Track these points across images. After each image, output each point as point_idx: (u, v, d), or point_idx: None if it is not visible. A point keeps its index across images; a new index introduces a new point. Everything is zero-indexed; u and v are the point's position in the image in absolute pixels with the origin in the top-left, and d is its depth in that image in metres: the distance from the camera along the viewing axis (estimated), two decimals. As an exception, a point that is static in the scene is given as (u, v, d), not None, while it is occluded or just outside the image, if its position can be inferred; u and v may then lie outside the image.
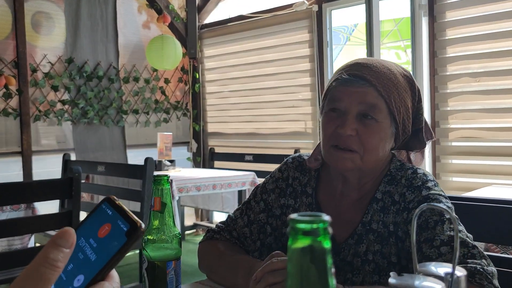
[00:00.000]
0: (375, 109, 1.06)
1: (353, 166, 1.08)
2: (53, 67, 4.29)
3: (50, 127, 4.33)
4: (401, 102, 1.09)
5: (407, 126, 1.11)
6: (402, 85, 1.10)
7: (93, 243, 0.48)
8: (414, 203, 1.05)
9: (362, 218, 1.10)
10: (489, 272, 0.89)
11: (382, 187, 1.11)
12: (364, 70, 1.08)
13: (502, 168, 3.16)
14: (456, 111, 3.35)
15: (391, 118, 1.08)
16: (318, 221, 0.38)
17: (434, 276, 0.53)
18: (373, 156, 1.08)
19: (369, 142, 1.06)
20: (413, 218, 0.55)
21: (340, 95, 1.09)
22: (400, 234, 1.06)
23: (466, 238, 0.97)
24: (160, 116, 5.01)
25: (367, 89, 1.06)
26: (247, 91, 4.75)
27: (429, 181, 1.08)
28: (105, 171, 3.24)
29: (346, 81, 1.09)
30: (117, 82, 4.64)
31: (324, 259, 0.39)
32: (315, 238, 0.38)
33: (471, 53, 3.26)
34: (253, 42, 4.66)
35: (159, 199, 0.89)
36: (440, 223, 0.98)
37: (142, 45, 4.80)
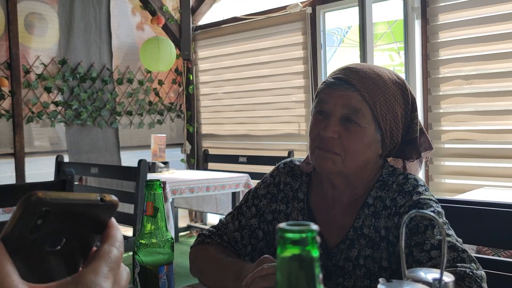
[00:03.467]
0: (358, 113, 1.06)
1: (334, 168, 1.08)
2: (46, 68, 4.27)
3: (43, 129, 4.31)
4: (388, 108, 1.08)
5: (395, 134, 1.10)
6: (392, 92, 1.09)
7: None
8: (405, 207, 1.05)
9: (354, 223, 1.11)
10: (478, 275, 0.90)
11: (373, 192, 1.12)
12: (351, 74, 1.09)
13: (494, 170, 3.18)
14: (449, 113, 3.37)
15: (376, 124, 1.08)
16: (307, 231, 0.39)
17: (422, 282, 0.53)
18: (354, 160, 1.08)
19: (351, 145, 1.07)
20: (402, 225, 0.56)
21: (326, 98, 1.10)
22: (391, 239, 1.06)
23: (456, 242, 0.97)
24: (154, 118, 5.00)
25: (351, 93, 1.07)
26: (241, 93, 4.75)
27: (420, 186, 1.09)
28: (99, 173, 3.23)
29: (332, 84, 1.10)
30: (110, 83, 4.63)
31: (312, 268, 0.39)
32: (304, 247, 0.39)
33: (463, 56, 3.28)
34: (247, 44, 4.66)
35: (151, 204, 0.90)
36: (430, 228, 0.99)
37: (136, 46, 4.79)
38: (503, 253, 2.00)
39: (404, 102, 1.11)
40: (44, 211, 0.39)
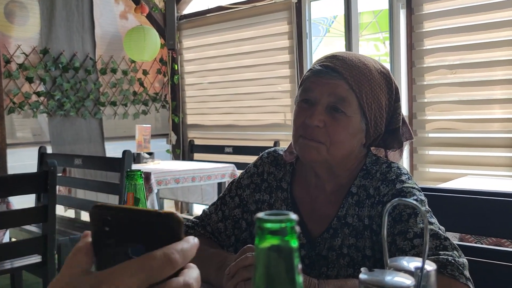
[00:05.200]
0: (344, 102, 1.05)
1: (319, 157, 1.07)
2: (28, 58, 4.20)
3: (25, 120, 4.24)
4: (373, 98, 1.08)
5: (379, 123, 1.11)
6: (377, 81, 1.09)
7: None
8: (388, 196, 1.05)
9: (338, 212, 1.10)
10: (460, 263, 0.91)
11: (357, 181, 1.11)
12: (338, 63, 1.08)
13: (477, 159, 3.21)
14: (433, 102, 3.39)
15: (362, 113, 1.07)
16: (285, 220, 0.38)
17: (404, 271, 0.53)
18: (339, 150, 1.07)
19: (336, 135, 1.06)
20: (384, 213, 0.55)
21: (312, 86, 1.09)
22: (374, 228, 1.06)
23: (439, 230, 0.98)
24: (139, 108, 4.95)
25: (338, 82, 1.06)
26: (227, 83, 4.73)
27: (403, 174, 1.09)
28: (82, 164, 3.19)
29: (318, 72, 1.09)
30: (94, 73, 4.56)
31: (291, 258, 0.38)
32: (282, 238, 0.38)
33: (447, 46, 3.29)
34: (232, 33, 4.63)
35: (132, 195, 0.88)
36: (413, 216, 0.99)
37: (120, 36, 4.72)
38: (485, 241, 2.02)
39: (388, 91, 1.11)
40: (108, 220, 0.45)
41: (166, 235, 0.45)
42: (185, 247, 0.44)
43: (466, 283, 0.89)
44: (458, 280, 0.88)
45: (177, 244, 0.44)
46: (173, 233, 0.45)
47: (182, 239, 0.45)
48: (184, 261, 0.44)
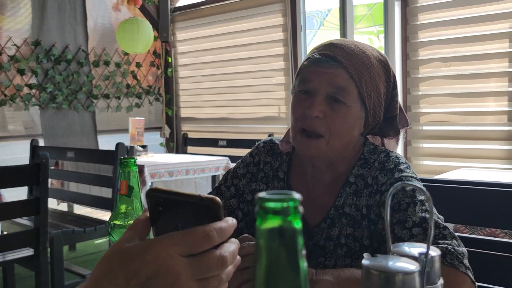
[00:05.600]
0: (344, 92, 1.03)
1: (318, 153, 1.06)
2: (19, 50, 4.14)
3: (17, 112, 4.19)
4: (372, 87, 1.06)
5: (378, 112, 1.09)
6: (376, 70, 1.07)
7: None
8: (387, 185, 1.04)
9: (335, 202, 1.09)
10: (459, 252, 0.90)
11: (355, 171, 1.10)
12: (337, 51, 1.05)
13: (471, 152, 3.22)
14: (427, 95, 3.39)
15: (361, 102, 1.06)
16: (288, 200, 0.36)
17: (408, 256, 0.52)
18: (339, 141, 1.06)
19: (336, 126, 1.04)
20: (388, 197, 0.54)
21: (310, 76, 1.06)
22: (372, 217, 1.05)
23: (438, 219, 0.97)
24: (132, 101, 4.91)
25: (338, 71, 1.04)
26: (221, 76, 4.70)
27: (402, 163, 1.08)
28: (75, 157, 3.17)
29: (317, 61, 1.06)
30: (86, 66, 4.51)
31: (294, 240, 0.37)
32: (285, 218, 0.36)
33: (442, 38, 3.29)
34: (227, 26, 4.60)
35: (125, 183, 0.86)
36: (412, 205, 0.98)
37: (112, 28, 4.68)
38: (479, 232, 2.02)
39: (386, 79, 1.10)
40: (161, 202, 0.55)
41: (208, 215, 0.52)
42: (223, 226, 0.52)
43: (466, 272, 0.88)
44: (457, 269, 0.87)
45: (217, 223, 0.52)
46: (214, 213, 0.52)
47: (222, 219, 0.53)
48: (221, 238, 0.52)
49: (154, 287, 0.49)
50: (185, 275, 0.50)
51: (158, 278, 0.49)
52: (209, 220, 0.52)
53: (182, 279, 0.50)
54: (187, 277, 0.50)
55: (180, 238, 0.51)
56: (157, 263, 0.50)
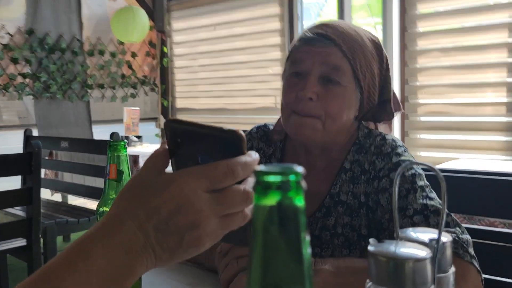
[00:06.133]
0: (338, 71, 0.99)
1: (314, 134, 1.01)
2: (12, 38, 4.08)
3: (11, 102, 4.14)
4: (367, 66, 1.02)
5: (372, 94, 1.05)
6: (369, 49, 1.04)
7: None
8: (385, 170, 1.00)
9: (330, 190, 1.05)
10: (464, 240, 0.86)
11: (350, 156, 1.06)
12: (329, 30, 1.02)
13: (470, 143, 3.19)
14: (425, 86, 3.36)
15: (356, 82, 1.01)
16: (289, 172, 0.32)
17: (417, 242, 0.48)
18: (335, 123, 1.01)
19: (332, 107, 0.99)
20: (395, 178, 0.50)
21: (302, 56, 1.02)
22: (371, 205, 1.02)
23: (440, 206, 0.93)
24: (127, 91, 4.86)
25: (331, 49, 1.00)
26: (217, 66, 4.64)
27: (399, 147, 1.03)
28: (69, 147, 3.12)
29: (309, 40, 1.02)
30: (81, 55, 4.45)
31: (296, 220, 0.32)
32: (285, 194, 0.32)
33: (441, 28, 3.25)
34: (223, 16, 4.54)
35: (115, 167, 0.82)
36: (412, 191, 0.94)
37: (107, 17, 4.61)
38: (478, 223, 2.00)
39: (379, 60, 1.06)
40: (180, 133, 0.52)
41: (231, 149, 0.49)
42: (248, 160, 0.49)
43: (471, 261, 0.84)
44: (462, 259, 0.84)
45: (241, 158, 0.49)
46: (236, 147, 0.49)
47: (245, 153, 0.50)
48: (246, 173, 0.49)
49: (176, 223, 0.48)
50: (208, 211, 0.48)
51: (179, 214, 0.47)
52: (231, 154, 0.49)
53: (204, 216, 0.48)
54: (209, 214, 0.48)
55: (203, 173, 0.48)
56: (179, 199, 0.47)
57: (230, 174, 0.48)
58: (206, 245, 0.50)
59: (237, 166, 0.49)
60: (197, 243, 0.49)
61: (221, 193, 0.49)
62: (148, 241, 0.48)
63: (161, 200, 0.48)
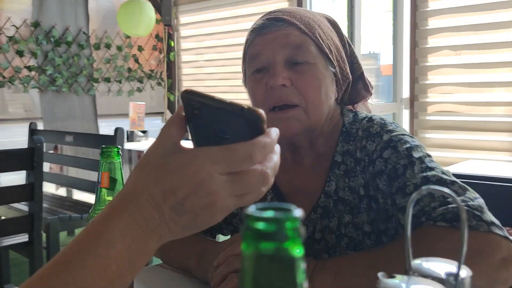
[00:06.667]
0: (301, 49, 0.92)
1: (300, 126, 0.92)
2: (18, 31, 4.05)
3: (17, 95, 4.12)
4: (328, 39, 0.96)
5: (344, 68, 0.98)
6: (325, 24, 0.99)
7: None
8: (377, 152, 0.91)
9: (324, 188, 0.96)
10: (475, 207, 0.77)
11: (340, 148, 0.97)
12: (278, 13, 0.96)
13: (480, 143, 3.13)
14: (435, 84, 3.29)
15: (324, 56, 0.94)
16: (284, 219, 0.28)
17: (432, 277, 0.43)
18: (318, 106, 0.93)
19: (309, 89, 0.91)
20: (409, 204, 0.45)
21: (259, 49, 0.94)
22: (372, 193, 0.92)
23: (442, 175, 0.84)
24: (133, 85, 4.82)
25: (287, 30, 0.93)
26: (225, 61, 4.59)
27: (388, 124, 0.95)
28: (74, 141, 3.09)
29: (261, 29, 0.95)
30: (87, 48, 4.42)
31: (292, 274, 0.28)
32: (281, 244, 0.28)
33: (452, 25, 3.17)
34: (231, 10, 4.48)
35: (107, 175, 0.77)
36: (409, 166, 0.85)
37: (114, 10, 4.56)
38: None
39: (338, 34, 1.01)
40: (197, 106, 0.50)
41: (250, 127, 0.48)
42: (267, 142, 0.49)
43: (490, 229, 0.74)
44: (477, 230, 0.74)
45: (260, 141, 0.48)
46: (256, 127, 0.48)
47: (264, 132, 0.49)
48: (264, 156, 0.49)
49: (191, 205, 0.48)
50: (224, 193, 0.48)
51: (195, 196, 0.48)
52: (250, 132, 0.48)
53: (220, 197, 0.48)
54: (225, 195, 0.48)
55: (220, 156, 0.48)
56: (195, 181, 0.47)
57: (249, 158, 0.48)
58: (219, 220, 0.50)
59: (255, 151, 0.48)
60: (210, 220, 0.49)
61: (238, 174, 0.48)
62: (163, 220, 0.48)
63: (178, 181, 0.48)
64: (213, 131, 0.51)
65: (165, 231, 0.49)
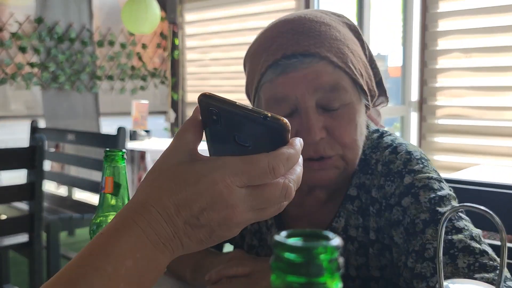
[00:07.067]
0: (337, 90, 0.78)
1: (338, 172, 0.80)
2: (21, 27, 4.00)
3: (19, 91, 4.08)
4: (358, 62, 0.81)
5: (372, 88, 0.85)
6: (349, 37, 0.83)
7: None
8: (395, 197, 0.79)
9: (332, 223, 0.85)
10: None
11: (355, 180, 0.84)
12: (302, 41, 0.78)
13: (490, 148, 3.07)
14: (444, 87, 3.23)
15: (358, 88, 0.81)
16: (321, 248, 0.23)
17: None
18: (355, 148, 0.81)
19: (346, 135, 0.79)
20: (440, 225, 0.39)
21: (284, 91, 0.78)
22: (387, 242, 0.81)
23: (471, 241, 0.71)
24: (137, 84, 4.77)
25: (318, 67, 0.77)
26: (230, 60, 4.54)
27: (414, 159, 0.80)
28: (75, 140, 3.05)
29: (286, 68, 0.77)
30: (90, 45, 4.37)
31: None
32: (315, 279, 0.23)
33: (463, 28, 3.12)
34: (237, 8, 4.43)
35: (111, 179, 0.72)
36: (432, 224, 0.72)
37: (118, 7, 4.52)
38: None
39: (359, 41, 0.87)
40: (216, 111, 0.47)
41: (272, 137, 0.45)
42: (291, 153, 0.46)
43: None
44: None
45: (283, 153, 0.45)
46: (280, 136, 0.45)
47: (288, 142, 0.46)
48: (288, 169, 0.46)
49: (207, 219, 0.45)
50: (242, 207, 0.45)
51: (212, 210, 0.44)
52: (272, 142, 0.45)
53: (238, 212, 0.45)
54: (244, 209, 0.45)
55: (240, 168, 0.44)
56: (213, 194, 0.44)
57: (271, 172, 0.45)
58: (235, 234, 0.47)
59: (279, 163, 0.45)
60: (226, 234, 0.46)
61: (259, 188, 0.45)
62: (176, 234, 0.45)
63: (193, 193, 0.45)
64: (232, 138, 0.47)
65: (177, 246, 0.46)
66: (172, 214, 0.45)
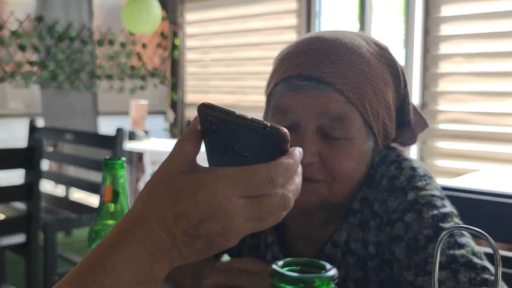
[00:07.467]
0: (343, 122, 0.76)
1: (317, 200, 0.79)
2: (22, 25, 4.00)
3: (18, 90, 4.07)
4: (379, 102, 0.78)
5: (389, 130, 0.82)
6: (380, 75, 0.79)
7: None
8: (398, 213, 0.78)
9: (333, 236, 0.84)
10: None
11: (360, 193, 0.84)
12: (323, 67, 0.76)
13: (491, 154, 3.06)
14: (446, 92, 3.22)
15: (368, 129, 0.79)
16: (316, 281, 0.22)
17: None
18: (346, 185, 0.79)
19: (339, 167, 0.77)
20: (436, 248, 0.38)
21: (290, 104, 0.78)
22: (387, 257, 0.80)
23: (472, 256, 0.71)
24: (136, 83, 4.76)
25: (330, 95, 0.76)
26: (230, 61, 4.54)
27: (418, 176, 0.80)
28: (74, 140, 3.04)
29: (297, 87, 0.77)
30: (90, 44, 4.36)
31: None
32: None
33: (465, 32, 3.11)
34: (238, 9, 4.42)
35: (110, 188, 0.72)
36: (434, 239, 0.73)
37: (119, 6, 4.51)
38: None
39: (395, 80, 0.82)
40: (215, 121, 0.47)
41: (272, 147, 0.46)
42: (290, 163, 0.46)
43: None
44: None
45: (282, 163, 0.45)
46: (279, 146, 0.46)
47: (287, 152, 0.46)
48: (287, 179, 0.46)
49: (206, 230, 0.45)
50: (241, 217, 0.45)
51: (210, 220, 0.45)
52: (271, 151, 0.46)
53: (237, 222, 0.45)
54: (242, 220, 0.45)
55: (239, 179, 0.45)
56: (211, 205, 0.44)
57: (270, 182, 0.45)
58: (233, 244, 0.47)
59: (277, 174, 0.45)
60: (225, 244, 0.46)
61: (257, 198, 0.45)
62: (175, 245, 0.45)
63: (192, 204, 0.45)
64: (231, 148, 0.47)
65: (176, 256, 0.46)
66: (171, 225, 0.45)
